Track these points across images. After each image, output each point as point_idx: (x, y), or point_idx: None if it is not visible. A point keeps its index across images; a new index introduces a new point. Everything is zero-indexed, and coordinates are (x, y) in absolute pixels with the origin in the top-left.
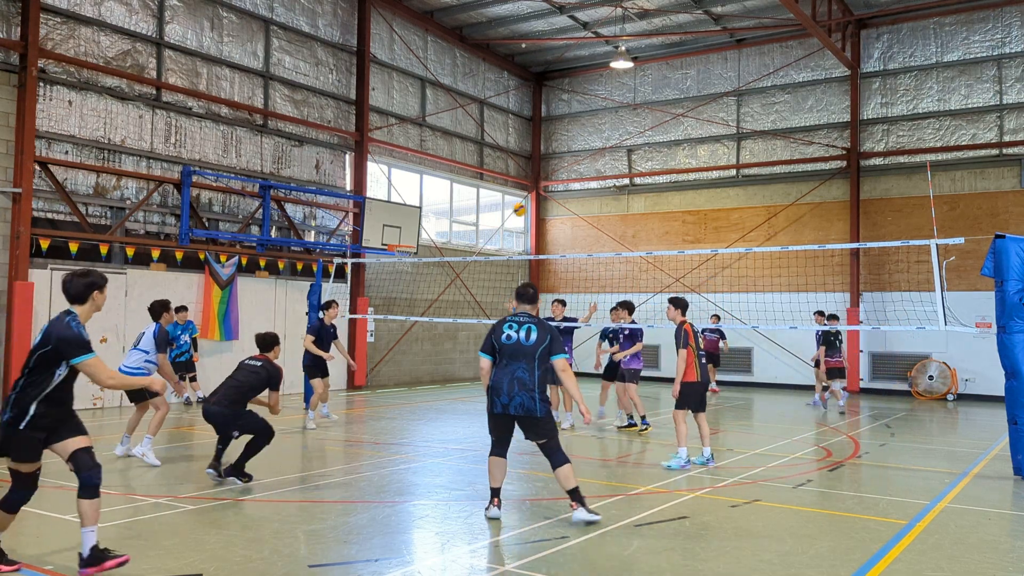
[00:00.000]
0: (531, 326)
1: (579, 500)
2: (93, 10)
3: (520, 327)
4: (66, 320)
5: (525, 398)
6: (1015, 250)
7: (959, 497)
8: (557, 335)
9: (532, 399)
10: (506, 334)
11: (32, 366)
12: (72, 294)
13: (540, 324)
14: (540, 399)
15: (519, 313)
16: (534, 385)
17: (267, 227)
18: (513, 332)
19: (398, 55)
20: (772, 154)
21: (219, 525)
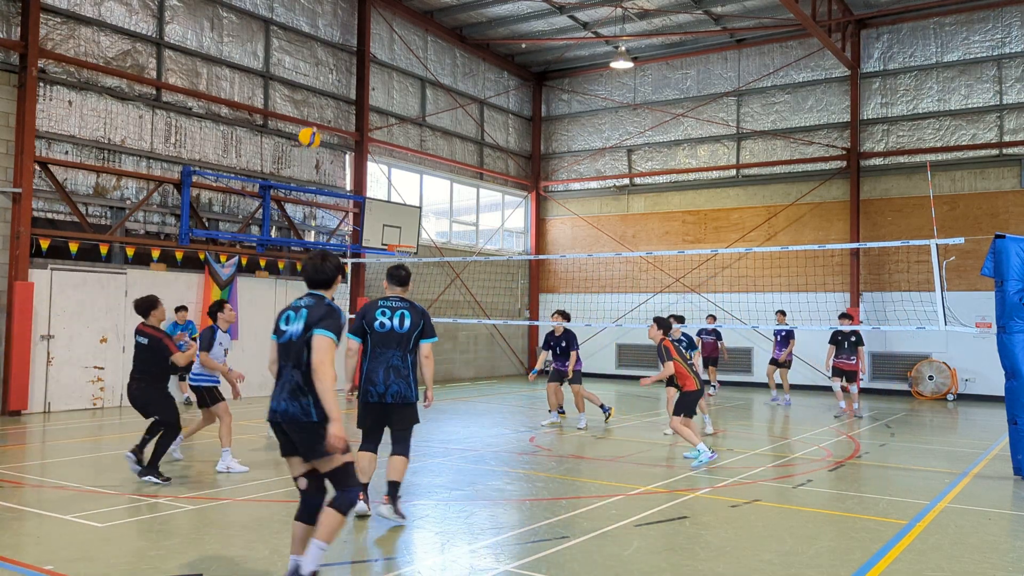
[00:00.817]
0: (404, 311)
1: (392, 496)
2: (93, 10)
3: (394, 313)
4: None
5: (401, 385)
6: (1015, 250)
7: (959, 497)
8: (429, 317)
9: (408, 385)
10: (379, 320)
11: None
12: (321, 281)
13: (413, 308)
14: (414, 386)
15: (391, 297)
16: (408, 371)
17: (267, 227)
18: (386, 319)
19: (398, 55)
20: (772, 154)
21: (219, 525)
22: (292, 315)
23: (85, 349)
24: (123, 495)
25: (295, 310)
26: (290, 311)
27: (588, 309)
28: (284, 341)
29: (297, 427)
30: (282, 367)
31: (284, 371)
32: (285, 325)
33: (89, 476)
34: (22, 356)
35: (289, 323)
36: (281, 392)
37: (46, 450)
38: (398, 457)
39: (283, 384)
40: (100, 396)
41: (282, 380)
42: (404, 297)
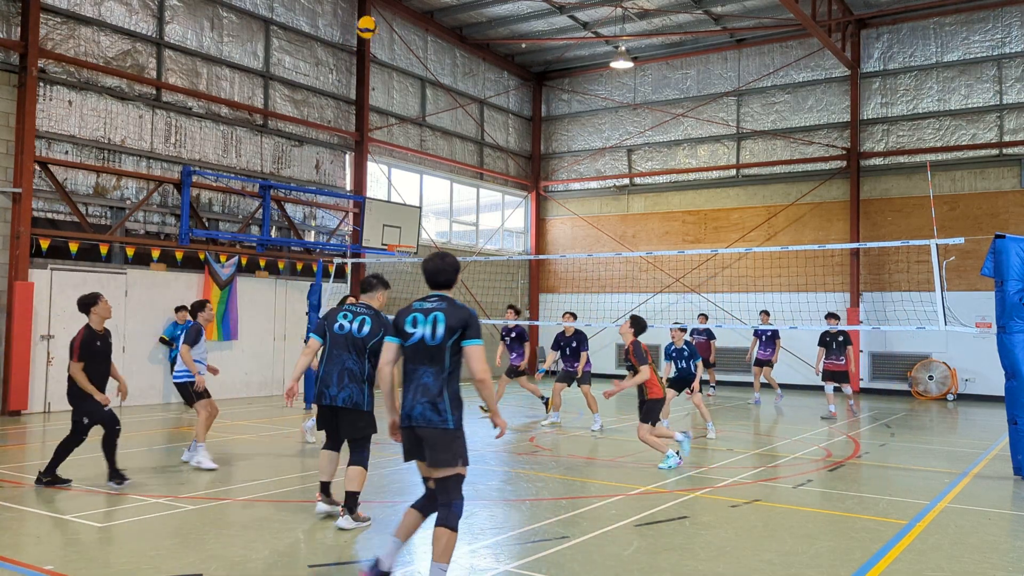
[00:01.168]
0: (365, 318)
1: (350, 507)
2: (93, 10)
3: (354, 317)
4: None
5: (355, 391)
6: (1015, 250)
7: (959, 497)
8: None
9: (361, 391)
10: (339, 323)
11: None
12: (443, 281)
13: (375, 317)
14: (368, 393)
15: (358, 304)
16: (363, 377)
17: (267, 227)
18: (347, 323)
19: (398, 55)
20: (772, 154)
21: (219, 525)
22: (420, 317)
23: None
24: (123, 495)
25: (423, 312)
26: (416, 313)
27: (588, 309)
28: (414, 343)
29: (433, 433)
30: (412, 370)
31: (416, 375)
32: (412, 327)
33: (89, 476)
34: (22, 356)
35: (417, 325)
36: (416, 397)
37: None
38: (353, 467)
39: (416, 388)
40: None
41: (414, 384)
42: (371, 305)
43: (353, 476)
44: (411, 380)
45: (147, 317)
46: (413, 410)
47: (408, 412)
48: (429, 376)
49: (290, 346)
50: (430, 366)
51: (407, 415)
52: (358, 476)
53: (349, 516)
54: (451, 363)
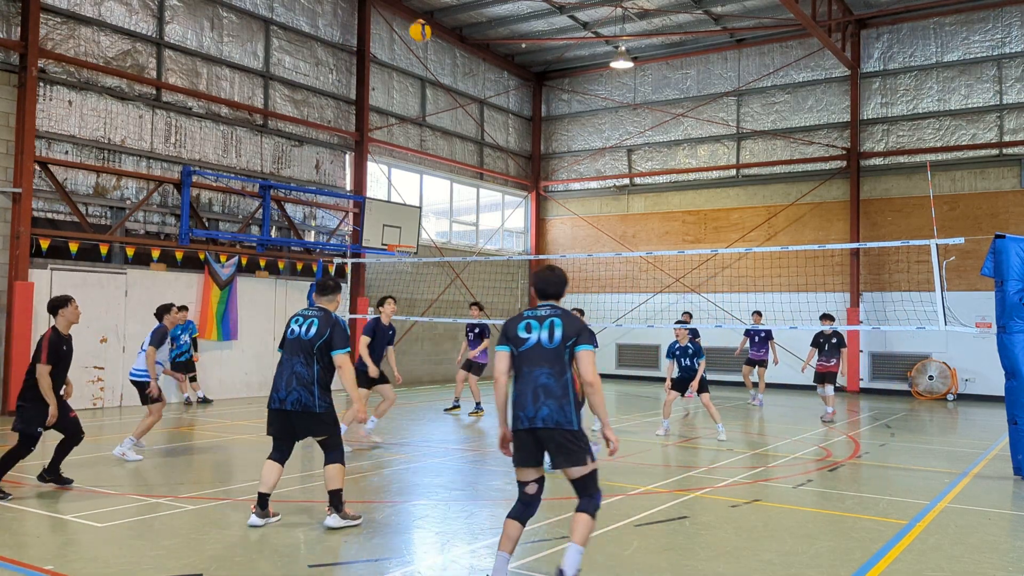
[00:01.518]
0: (314, 319)
1: (335, 505)
2: (93, 10)
3: (305, 320)
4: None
5: (303, 394)
6: (1015, 250)
7: (959, 497)
8: (341, 328)
9: (310, 394)
10: (291, 328)
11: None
12: (553, 292)
13: (324, 318)
14: (319, 394)
15: (311, 307)
16: (312, 380)
17: (267, 227)
18: (297, 327)
19: (398, 55)
20: (772, 154)
21: (219, 525)
22: (534, 323)
23: (85, 349)
24: (123, 495)
25: (537, 319)
26: (529, 320)
27: (588, 309)
28: (529, 347)
29: (561, 434)
30: (528, 372)
31: (532, 376)
32: (526, 332)
33: (89, 476)
34: (22, 356)
35: (531, 330)
36: (536, 399)
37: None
38: (330, 466)
39: (535, 389)
40: (100, 396)
41: (531, 385)
42: (325, 307)
43: (332, 475)
44: (527, 382)
45: (147, 317)
46: (539, 412)
47: (530, 414)
48: (550, 377)
49: None
50: (549, 368)
51: (528, 417)
52: (337, 474)
53: (336, 515)
54: (570, 367)
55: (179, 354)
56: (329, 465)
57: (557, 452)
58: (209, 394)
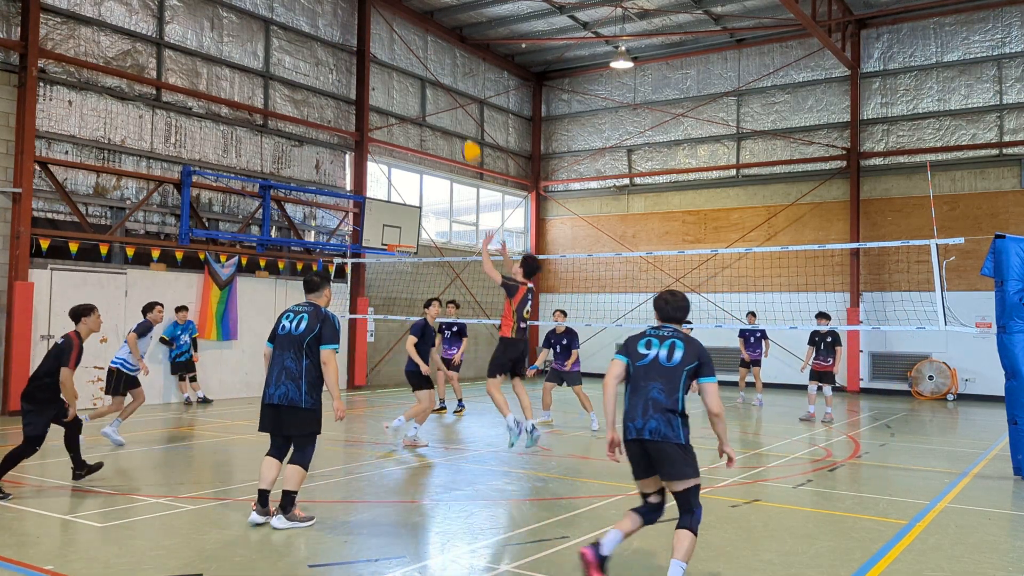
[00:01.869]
0: (304, 315)
1: (284, 507)
2: (93, 10)
3: (295, 316)
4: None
5: (291, 388)
6: (1015, 250)
7: (959, 497)
8: (331, 324)
9: (297, 388)
10: (282, 324)
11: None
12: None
13: (314, 313)
14: (306, 390)
15: (302, 303)
16: (300, 374)
17: (267, 227)
18: (288, 323)
19: (398, 55)
20: (772, 154)
21: (219, 525)
22: (655, 341)
23: (85, 349)
24: (123, 495)
25: (659, 338)
26: (651, 337)
27: (588, 309)
28: (647, 363)
29: (668, 447)
30: (643, 386)
31: (645, 390)
32: (646, 349)
33: (89, 476)
34: (22, 356)
35: (651, 347)
36: (647, 411)
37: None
38: (292, 466)
39: (646, 402)
40: (100, 396)
41: (643, 398)
42: (314, 303)
43: (290, 475)
44: (639, 394)
45: None
46: (647, 424)
47: (639, 426)
48: (661, 392)
49: None
50: (663, 384)
51: (636, 428)
52: (296, 475)
53: (283, 516)
54: (683, 387)
55: (179, 354)
56: (292, 465)
57: (662, 464)
58: (209, 394)
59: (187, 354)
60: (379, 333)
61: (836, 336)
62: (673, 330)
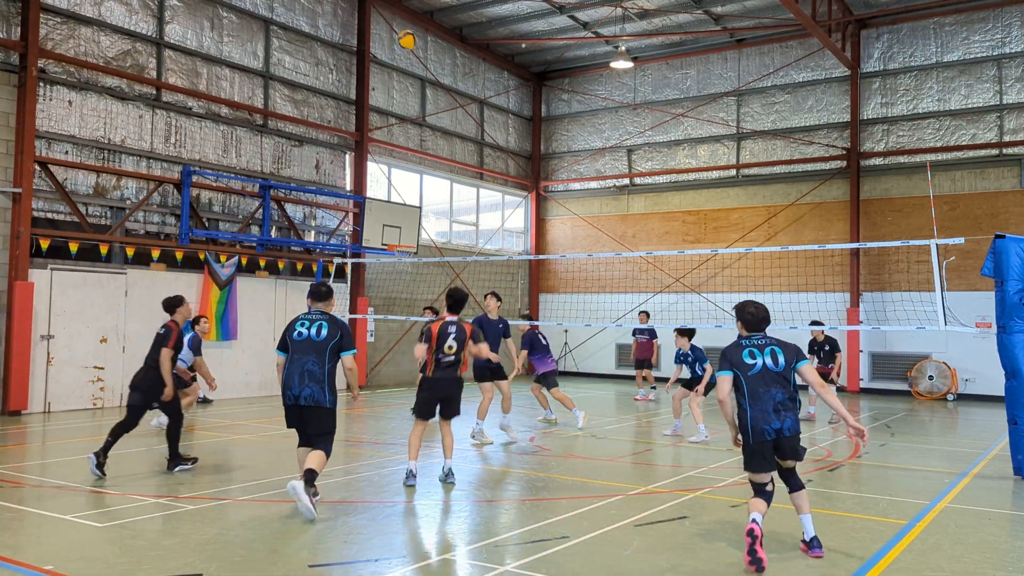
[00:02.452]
0: (323, 323)
1: (309, 480)
2: (93, 10)
3: (312, 324)
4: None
5: (315, 390)
6: (1015, 250)
7: (959, 497)
8: (348, 331)
9: (322, 390)
10: (298, 331)
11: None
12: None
13: (332, 321)
14: (328, 391)
15: (312, 311)
16: (323, 377)
17: (267, 227)
18: (305, 329)
19: (398, 55)
20: (772, 154)
21: (219, 525)
22: (756, 351)
23: (85, 349)
24: (123, 495)
25: (758, 348)
26: (752, 348)
27: (588, 309)
28: (758, 372)
29: (795, 438)
30: (764, 392)
31: (768, 395)
32: (751, 359)
33: (89, 476)
34: (22, 356)
35: (755, 357)
36: (775, 412)
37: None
38: (315, 452)
39: (775, 407)
40: (100, 396)
41: (771, 404)
42: (325, 311)
43: (316, 459)
44: (764, 400)
45: (147, 317)
46: (784, 423)
47: (776, 426)
48: (783, 395)
49: None
50: (781, 387)
51: (774, 429)
52: (319, 459)
53: (303, 486)
54: (793, 384)
55: None
56: (317, 451)
57: (792, 451)
58: (210, 394)
59: None
60: (379, 333)
61: (834, 343)
62: (763, 337)
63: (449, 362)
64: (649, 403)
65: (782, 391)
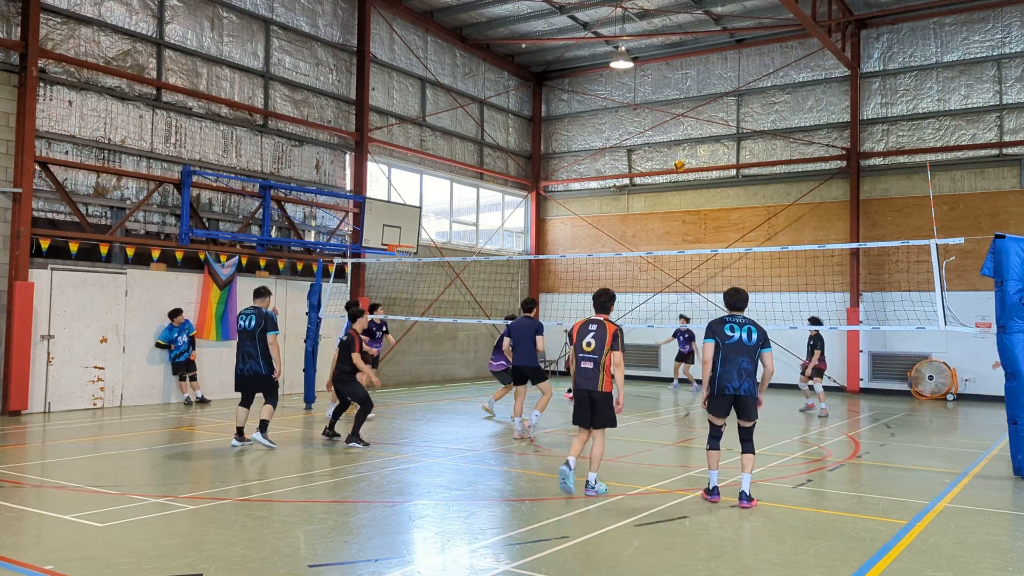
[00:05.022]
0: (252, 316)
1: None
2: (93, 10)
3: (247, 317)
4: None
5: (252, 363)
6: (1015, 250)
7: (959, 497)
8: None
9: (257, 363)
10: (239, 324)
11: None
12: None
13: (258, 313)
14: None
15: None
16: (257, 355)
17: (267, 227)
18: (243, 322)
19: (398, 55)
20: (772, 154)
21: (219, 525)
22: (736, 326)
23: (85, 349)
24: (123, 495)
25: (738, 324)
26: (732, 323)
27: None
28: (734, 343)
29: (751, 400)
30: (734, 359)
31: (737, 362)
32: (731, 332)
33: (89, 476)
34: (22, 356)
35: (735, 331)
36: (742, 377)
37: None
38: (265, 406)
39: (739, 371)
40: (100, 396)
41: (737, 368)
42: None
43: (266, 411)
44: (733, 364)
45: (147, 317)
46: (742, 385)
47: (735, 385)
48: (748, 363)
49: (290, 346)
50: (748, 357)
51: (734, 387)
52: (268, 412)
53: (261, 434)
54: (756, 359)
55: (178, 354)
56: (266, 406)
57: (746, 410)
58: (209, 394)
59: (185, 354)
60: None
61: (813, 339)
62: (744, 318)
63: (587, 364)
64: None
65: (747, 360)
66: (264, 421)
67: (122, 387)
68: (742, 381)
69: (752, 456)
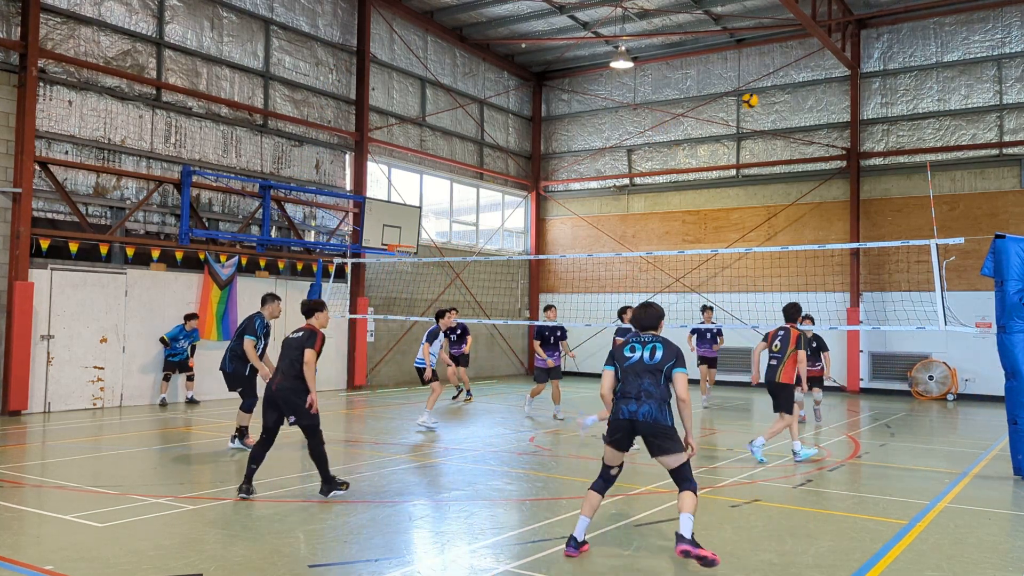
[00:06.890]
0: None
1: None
2: (93, 10)
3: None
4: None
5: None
6: (1015, 250)
7: (959, 497)
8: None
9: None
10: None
11: None
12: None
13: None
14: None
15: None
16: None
17: (267, 227)
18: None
19: (398, 55)
20: (772, 154)
21: (219, 525)
22: (638, 346)
23: (85, 349)
24: (123, 495)
25: (641, 343)
26: (636, 343)
27: (588, 309)
28: (632, 364)
29: (653, 426)
30: (632, 382)
31: (636, 385)
32: (630, 352)
33: (89, 476)
34: (22, 356)
35: (635, 351)
36: (635, 397)
37: (46, 450)
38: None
39: (637, 395)
40: (100, 396)
41: (634, 392)
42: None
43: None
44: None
45: (147, 317)
46: (640, 408)
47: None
48: (652, 385)
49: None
50: (652, 378)
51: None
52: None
53: (240, 440)
54: (665, 380)
55: (173, 354)
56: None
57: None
58: (209, 394)
59: (180, 356)
60: (379, 333)
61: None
62: (653, 336)
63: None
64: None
65: (650, 382)
66: (243, 428)
67: (122, 387)
68: (640, 404)
69: (691, 494)
